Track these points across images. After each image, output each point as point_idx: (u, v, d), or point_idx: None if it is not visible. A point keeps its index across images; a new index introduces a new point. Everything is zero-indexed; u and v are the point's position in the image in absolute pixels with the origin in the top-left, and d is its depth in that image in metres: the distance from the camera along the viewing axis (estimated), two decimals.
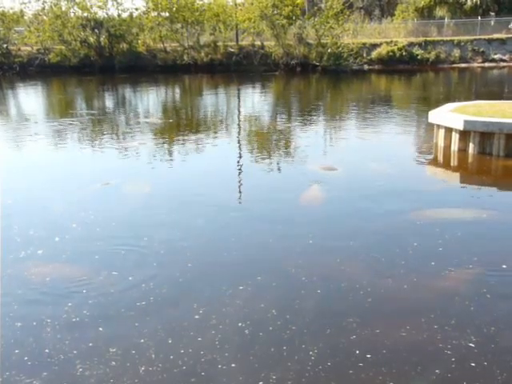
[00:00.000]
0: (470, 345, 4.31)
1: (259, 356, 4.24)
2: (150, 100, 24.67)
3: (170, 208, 7.93)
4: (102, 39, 38.52)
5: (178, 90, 29.58)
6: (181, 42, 39.01)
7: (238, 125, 16.49)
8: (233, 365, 4.12)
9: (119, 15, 39.42)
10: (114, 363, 4.18)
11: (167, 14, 39.46)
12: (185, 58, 37.48)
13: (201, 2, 40.26)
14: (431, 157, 11.26)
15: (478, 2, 44.73)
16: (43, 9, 39.37)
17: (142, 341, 4.46)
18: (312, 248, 6.33)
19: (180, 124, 16.70)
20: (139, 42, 39.39)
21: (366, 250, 6.28)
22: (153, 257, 6.09)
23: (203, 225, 7.22)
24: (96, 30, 38.42)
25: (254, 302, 5.07)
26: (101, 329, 4.66)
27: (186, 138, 13.97)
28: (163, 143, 13.42)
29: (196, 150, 12.29)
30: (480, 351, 4.24)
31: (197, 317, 4.81)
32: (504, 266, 5.70)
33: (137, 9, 40.21)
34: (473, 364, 4.09)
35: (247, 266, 5.90)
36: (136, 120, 17.40)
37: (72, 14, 39.36)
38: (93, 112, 19.83)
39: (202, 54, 37.59)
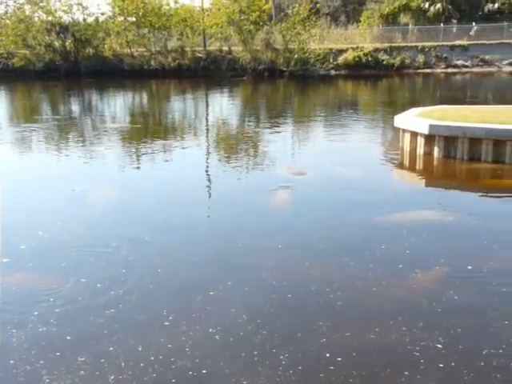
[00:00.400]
0: (438, 346, 4.37)
1: (230, 361, 4.23)
2: (117, 105, 24.47)
3: (138, 214, 7.86)
4: (67, 44, 38.07)
5: (145, 95, 29.39)
6: (148, 47, 38.81)
7: (206, 130, 16.47)
8: (203, 371, 4.10)
9: (85, 20, 39.05)
10: (82, 372, 4.11)
11: (134, 19, 39.25)
12: (152, 63, 37.30)
13: (168, 7, 40.16)
14: (397, 161, 11.43)
15: (441, 10, 45.74)
16: (6, 13, 38.78)
17: (112, 349, 4.40)
18: (282, 252, 6.35)
19: (148, 129, 16.60)
20: (105, 46, 39.06)
21: (335, 253, 6.33)
22: (121, 263, 6.02)
23: (172, 230, 7.18)
24: (61, 35, 37.95)
25: (225, 307, 5.05)
26: (69, 338, 4.58)
27: (153, 143, 13.88)
28: (131, 149, 13.31)
29: (164, 155, 12.21)
30: (448, 352, 4.30)
31: (167, 323, 4.76)
32: (469, 268, 5.80)
33: (103, 13, 39.91)
34: (441, 365, 4.15)
35: (217, 271, 5.88)
36: (103, 125, 17.22)
37: (36, 18, 38.83)
38: (58, 117, 19.55)
39: (170, 59, 37.45)
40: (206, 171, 10.65)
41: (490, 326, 4.67)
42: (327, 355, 4.29)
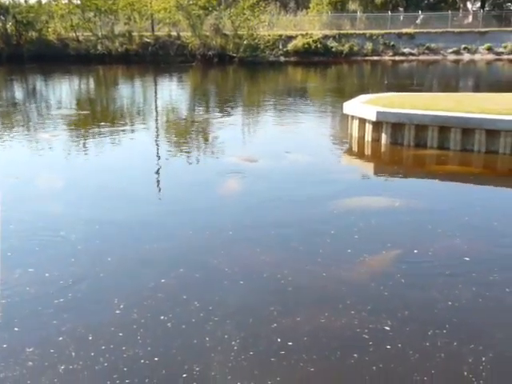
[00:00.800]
0: (386, 328, 4.50)
1: (182, 348, 4.23)
2: (63, 91, 23.86)
3: (85, 202, 7.72)
4: (8, 26, 36.72)
5: (91, 81, 28.75)
6: (94, 31, 37.89)
7: (155, 117, 16.28)
8: (156, 359, 4.09)
9: (26, 1, 37.72)
10: (31, 363, 4.04)
11: (79, 2, 38.19)
12: (98, 47, 36.45)
13: None
14: (346, 147, 11.61)
15: None
16: None
17: (61, 339, 4.33)
18: (233, 239, 6.37)
19: (95, 116, 16.26)
20: (49, 30, 37.88)
21: (285, 239, 6.39)
22: (70, 252, 5.91)
23: (122, 219, 7.09)
24: (1, 17, 36.57)
25: (177, 294, 5.04)
26: (16, 329, 4.48)
27: (100, 130, 13.62)
28: (77, 136, 13.03)
29: (112, 142, 12.01)
30: (395, 334, 4.43)
31: (118, 312, 4.72)
32: (415, 251, 5.97)
33: None
34: (388, 347, 4.27)
35: (169, 259, 5.86)
36: (47, 112, 16.77)
37: None
38: (0, 103, 18.90)
39: (117, 44, 36.69)
40: (156, 159, 10.53)
41: (435, 308, 4.83)
42: (278, 340, 4.34)
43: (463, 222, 6.99)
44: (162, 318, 4.62)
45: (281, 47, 36.05)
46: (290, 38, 36.57)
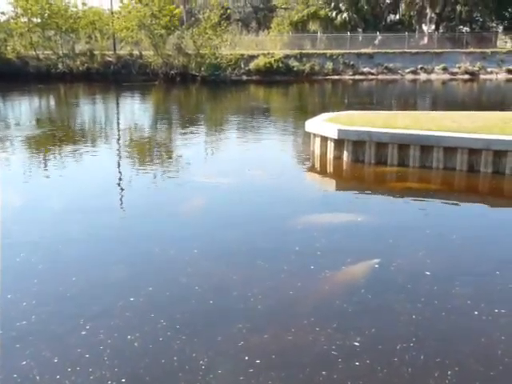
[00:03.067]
0: (354, 344, 4.56)
1: (149, 368, 4.21)
2: (22, 110, 23.47)
3: (46, 221, 7.62)
4: None
5: (52, 100, 28.40)
6: (55, 49, 37.47)
7: (118, 136, 16.17)
8: (123, 380, 4.06)
9: None
10: None
11: (39, 20, 37.75)
12: (59, 66, 36.04)
13: (75, 9, 39.00)
14: (309, 165, 11.76)
15: (347, 19, 47.47)
16: None
17: (25, 363, 4.26)
18: (199, 257, 6.38)
19: (55, 135, 16.04)
20: (8, 48, 37.29)
21: (251, 257, 6.43)
22: (32, 273, 5.83)
23: (85, 238, 7.01)
24: None
25: (145, 313, 5.02)
26: None
27: (62, 150, 13.46)
28: (37, 156, 12.84)
29: (73, 162, 11.88)
30: (363, 350, 4.49)
31: (84, 333, 4.67)
32: (377, 266, 6.09)
33: (3, 13, 38.10)
34: (357, 363, 4.32)
35: (136, 277, 5.83)
36: (6, 131, 16.47)
37: None
38: None
39: (78, 63, 36.35)
40: (118, 179, 10.47)
41: (400, 322, 4.93)
42: (246, 358, 4.36)
43: (423, 237, 7.16)
44: (130, 337, 4.59)
45: (243, 66, 36.32)
46: (252, 57, 36.90)
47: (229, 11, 51.37)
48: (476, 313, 5.07)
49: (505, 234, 7.45)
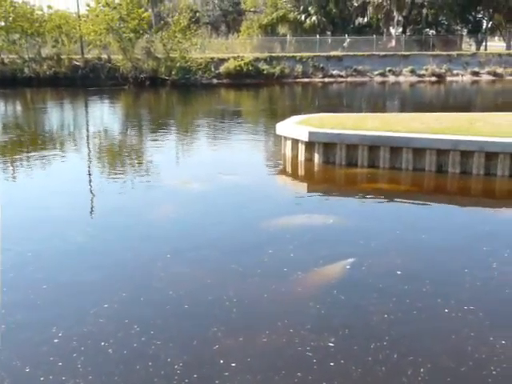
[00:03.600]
0: (328, 345, 4.60)
1: (124, 375, 4.18)
2: None
3: (16, 229, 7.49)
4: None
5: (18, 105, 27.94)
6: (20, 53, 36.83)
7: (87, 142, 15.99)
8: None
9: None
10: None
11: (2, 24, 37.09)
12: (25, 70, 35.43)
13: (41, 13, 38.42)
14: (280, 167, 11.81)
15: (316, 22, 47.81)
16: None
17: None
18: (172, 262, 6.36)
19: (21, 141, 15.78)
20: None
21: (224, 260, 6.43)
22: (1, 281, 5.72)
23: (55, 245, 6.93)
24: None
25: (118, 319, 4.98)
26: None
27: (29, 156, 13.25)
28: (3, 162, 12.62)
29: (41, 169, 11.72)
30: (337, 351, 4.53)
31: (56, 340, 4.61)
32: (349, 267, 6.15)
33: None
34: (332, 363, 4.36)
35: (110, 284, 5.78)
36: None
37: None
38: None
39: (45, 67, 35.78)
40: (89, 185, 10.37)
41: (372, 321, 4.99)
42: (221, 361, 4.37)
43: (394, 237, 7.26)
44: (103, 344, 4.55)
45: (213, 70, 36.27)
46: (222, 60, 36.87)
47: (198, 14, 51.26)
48: (446, 311, 5.17)
49: (472, 232, 7.60)
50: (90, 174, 11.19)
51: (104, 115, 23.09)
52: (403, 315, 5.12)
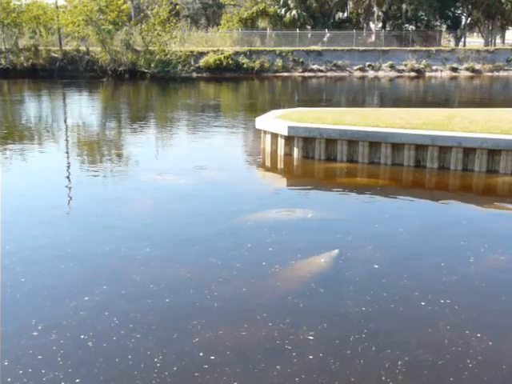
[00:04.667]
0: (307, 338, 4.65)
1: (104, 368, 4.18)
2: None
3: None
4: None
5: None
6: None
7: (65, 135, 15.83)
8: (77, 380, 4.02)
9: None
10: None
11: None
12: (2, 62, 34.92)
13: (18, 3, 37.84)
14: (259, 161, 11.84)
15: (296, 16, 47.80)
16: None
17: None
18: (151, 256, 6.35)
19: None
20: None
21: (203, 255, 6.44)
22: None
23: (34, 238, 6.88)
24: None
25: (98, 312, 4.97)
26: None
27: (5, 148, 13.09)
28: None
29: (17, 161, 11.58)
30: (316, 344, 4.58)
31: (35, 333, 4.59)
32: (326, 261, 6.20)
33: None
34: (311, 356, 4.41)
35: (90, 277, 5.76)
36: None
37: None
38: None
39: (22, 59, 35.32)
40: (66, 178, 10.28)
41: (351, 314, 5.05)
42: (201, 354, 4.39)
43: (372, 231, 7.34)
44: (83, 337, 4.55)
45: (192, 63, 36.13)
46: (202, 54, 36.74)
47: (178, 7, 50.81)
48: (423, 303, 5.26)
49: (450, 227, 7.71)
50: (68, 167, 11.09)
51: (82, 108, 22.85)
52: (381, 308, 5.19)
